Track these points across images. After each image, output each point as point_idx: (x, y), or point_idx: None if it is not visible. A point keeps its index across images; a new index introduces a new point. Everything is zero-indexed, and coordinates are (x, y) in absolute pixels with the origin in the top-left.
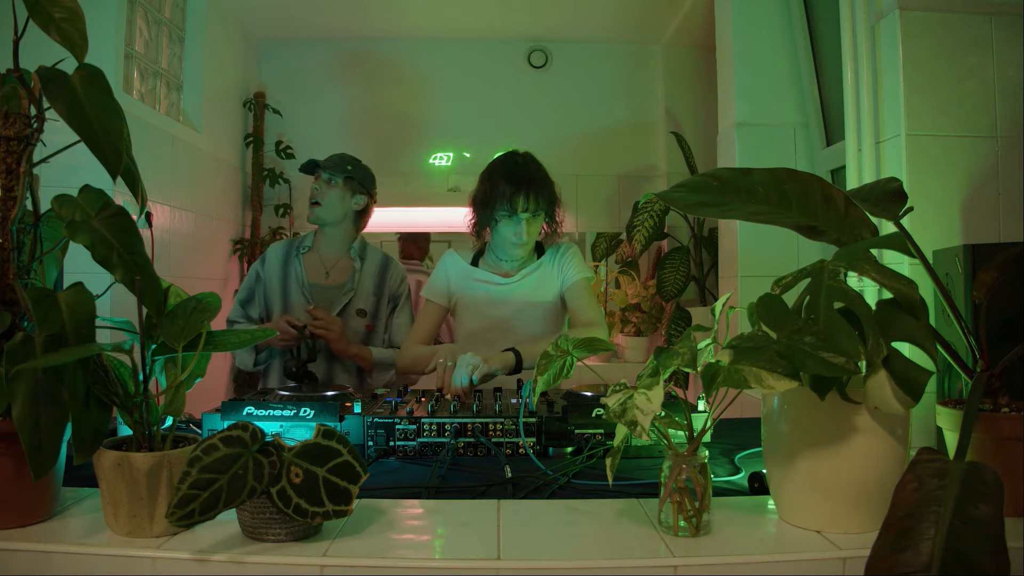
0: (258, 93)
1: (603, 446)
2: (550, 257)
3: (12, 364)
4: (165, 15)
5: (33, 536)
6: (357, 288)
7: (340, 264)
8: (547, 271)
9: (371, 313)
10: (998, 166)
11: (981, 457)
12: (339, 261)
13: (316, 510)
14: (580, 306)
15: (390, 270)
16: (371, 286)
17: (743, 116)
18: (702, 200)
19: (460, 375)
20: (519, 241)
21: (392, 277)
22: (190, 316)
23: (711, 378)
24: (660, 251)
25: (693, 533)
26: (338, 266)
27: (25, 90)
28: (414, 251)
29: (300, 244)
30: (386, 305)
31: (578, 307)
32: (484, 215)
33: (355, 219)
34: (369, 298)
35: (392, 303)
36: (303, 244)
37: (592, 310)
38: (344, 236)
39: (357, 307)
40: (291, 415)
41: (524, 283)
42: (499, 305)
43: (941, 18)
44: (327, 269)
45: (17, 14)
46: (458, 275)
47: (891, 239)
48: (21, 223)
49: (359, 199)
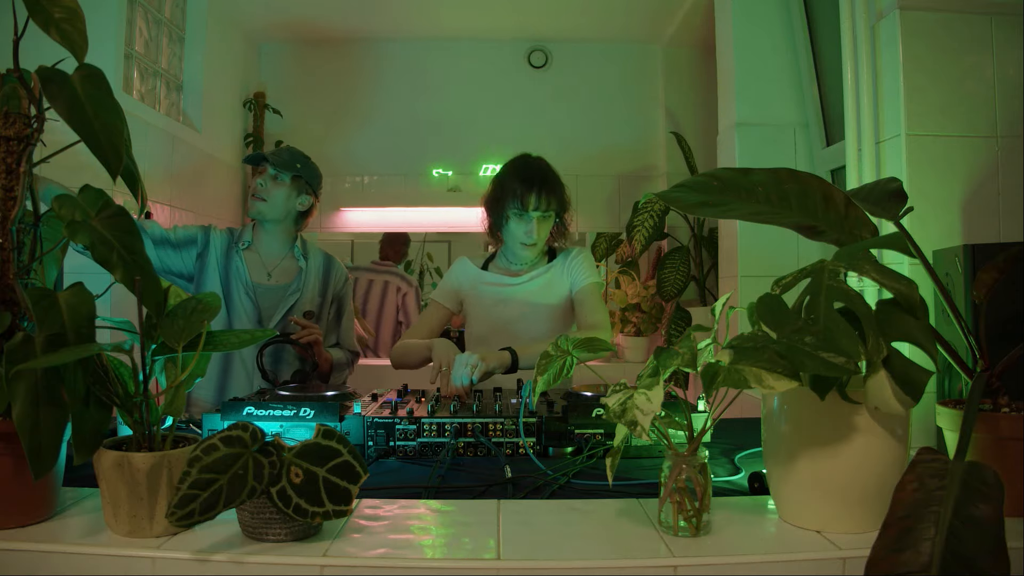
0: (258, 93)
1: (603, 446)
2: (561, 261)
3: (12, 364)
4: (165, 15)
5: (33, 536)
6: (303, 289)
7: (283, 264)
8: (557, 274)
9: (317, 314)
10: (998, 166)
11: (981, 457)
12: (282, 261)
13: (316, 510)
14: (586, 310)
15: (333, 270)
16: (316, 286)
17: (743, 116)
18: (702, 200)
19: (460, 375)
20: (529, 240)
21: (336, 277)
22: (190, 316)
23: (711, 378)
24: (660, 251)
25: (693, 533)
26: (281, 266)
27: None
28: (390, 253)
29: (239, 238)
30: (330, 305)
31: (584, 310)
32: (496, 214)
33: (297, 219)
34: (315, 299)
35: (336, 303)
36: (242, 238)
37: (597, 313)
38: (285, 235)
39: (304, 309)
40: (291, 415)
41: (532, 284)
42: (506, 305)
43: (941, 18)
44: (268, 269)
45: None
46: (468, 279)
47: (891, 239)
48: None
49: (304, 199)
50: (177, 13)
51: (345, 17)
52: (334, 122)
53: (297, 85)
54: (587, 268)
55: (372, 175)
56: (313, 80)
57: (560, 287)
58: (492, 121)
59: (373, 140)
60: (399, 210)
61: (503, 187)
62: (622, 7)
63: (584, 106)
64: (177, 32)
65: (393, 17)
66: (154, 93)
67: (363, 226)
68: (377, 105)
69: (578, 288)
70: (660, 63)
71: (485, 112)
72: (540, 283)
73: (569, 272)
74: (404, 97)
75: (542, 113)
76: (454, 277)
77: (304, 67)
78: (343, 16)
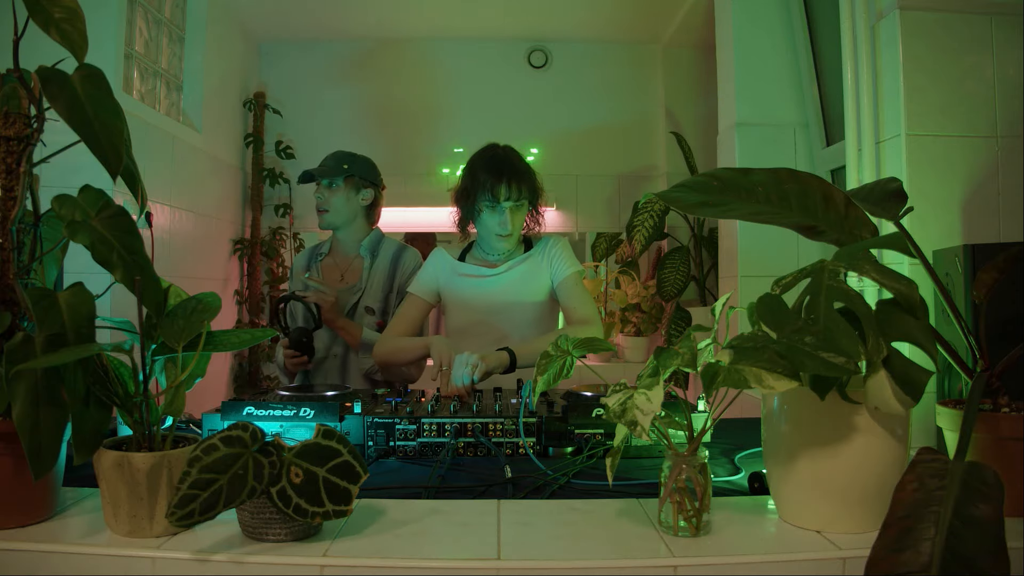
0: (258, 93)
1: (603, 446)
2: (539, 249)
3: (12, 364)
4: (165, 15)
5: (33, 536)
6: (366, 287)
7: (354, 264)
8: (535, 263)
9: (380, 309)
10: (998, 166)
11: (981, 457)
12: (353, 262)
13: (316, 510)
14: (573, 303)
15: (402, 261)
16: (382, 281)
17: (743, 116)
18: (702, 200)
19: (461, 374)
20: (503, 231)
21: (403, 268)
22: (190, 316)
23: (711, 378)
24: (660, 251)
25: (693, 533)
26: (352, 267)
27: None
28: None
29: (318, 251)
30: (396, 298)
31: (571, 304)
32: (467, 207)
33: (367, 214)
34: (379, 294)
35: (402, 295)
36: (320, 251)
37: (586, 306)
38: (358, 234)
39: (366, 305)
40: (291, 415)
41: (511, 274)
42: (486, 296)
43: (941, 18)
44: (342, 272)
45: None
46: (445, 271)
47: (891, 239)
48: (21, 223)
49: (365, 193)
50: (177, 13)
51: (345, 17)
52: (334, 122)
53: (297, 85)
54: (566, 257)
55: None
56: (313, 80)
57: (540, 277)
58: (492, 121)
59: (373, 140)
60: (399, 210)
61: (473, 179)
62: (622, 7)
63: (584, 106)
64: (177, 32)
65: (393, 17)
66: (154, 93)
67: None
68: (377, 105)
69: (560, 279)
70: (660, 63)
71: (485, 112)
72: (519, 273)
73: (549, 262)
74: (404, 97)
75: (542, 113)
76: (431, 269)
77: (304, 67)
78: (343, 16)
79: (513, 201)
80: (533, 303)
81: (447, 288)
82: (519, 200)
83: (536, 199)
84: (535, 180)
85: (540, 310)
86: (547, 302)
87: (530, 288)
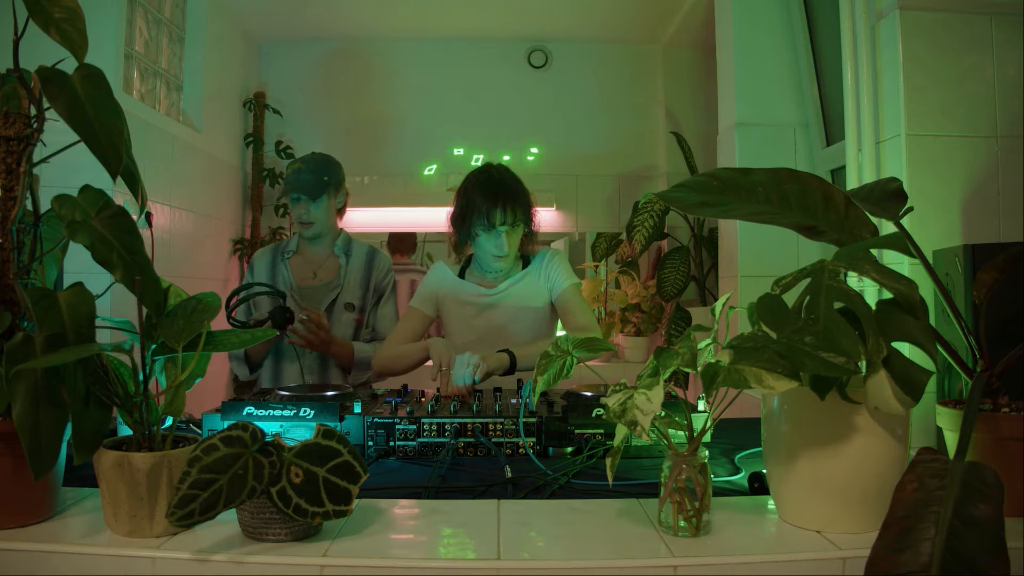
0: (258, 93)
1: (603, 446)
2: (536, 266)
3: (12, 364)
4: (165, 15)
5: (33, 536)
6: (343, 284)
7: (327, 263)
8: (533, 280)
9: (359, 307)
10: (998, 166)
11: (981, 457)
12: (326, 260)
13: (316, 510)
14: (572, 314)
15: (376, 262)
16: (358, 279)
17: (743, 116)
18: (702, 200)
19: (462, 375)
20: (500, 253)
21: (378, 269)
22: (190, 316)
23: (711, 378)
24: (660, 251)
25: (693, 533)
26: (325, 265)
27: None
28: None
29: (284, 249)
30: (371, 296)
31: (570, 315)
32: (463, 231)
33: (339, 214)
34: (356, 291)
35: (377, 294)
36: (287, 248)
37: (584, 315)
38: (331, 233)
39: (345, 301)
40: (291, 415)
41: (510, 292)
42: (486, 315)
43: (941, 18)
44: (314, 270)
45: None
46: (445, 286)
47: (891, 239)
48: (21, 223)
49: (340, 197)
50: (177, 13)
51: (345, 17)
52: (334, 122)
53: (297, 85)
54: (564, 270)
55: (372, 175)
56: (313, 80)
57: (539, 292)
58: (492, 121)
59: (373, 140)
60: (399, 210)
61: (468, 203)
62: (622, 7)
63: (584, 106)
64: (177, 32)
65: (393, 17)
66: (154, 93)
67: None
68: (377, 105)
69: (559, 292)
70: (660, 63)
71: (485, 112)
72: (518, 291)
73: (546, 276)
74: (404, 97)
75: (542, 113)
76: (433, 282)
77: (304, 67)
78: (343, 16)
79: (509, 224)
80: (532, 318)
81: (448, 303)
82: (515, 223)
83: (531, 220)
84: (529, 200)
85: (539, 323)
86: (547, 315)
87: (529, 305)
